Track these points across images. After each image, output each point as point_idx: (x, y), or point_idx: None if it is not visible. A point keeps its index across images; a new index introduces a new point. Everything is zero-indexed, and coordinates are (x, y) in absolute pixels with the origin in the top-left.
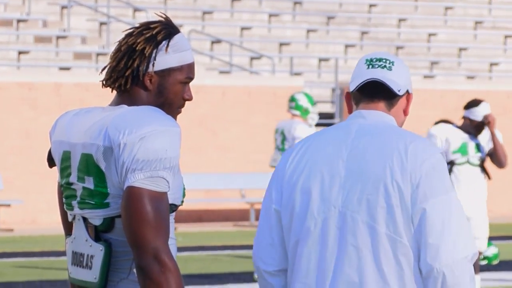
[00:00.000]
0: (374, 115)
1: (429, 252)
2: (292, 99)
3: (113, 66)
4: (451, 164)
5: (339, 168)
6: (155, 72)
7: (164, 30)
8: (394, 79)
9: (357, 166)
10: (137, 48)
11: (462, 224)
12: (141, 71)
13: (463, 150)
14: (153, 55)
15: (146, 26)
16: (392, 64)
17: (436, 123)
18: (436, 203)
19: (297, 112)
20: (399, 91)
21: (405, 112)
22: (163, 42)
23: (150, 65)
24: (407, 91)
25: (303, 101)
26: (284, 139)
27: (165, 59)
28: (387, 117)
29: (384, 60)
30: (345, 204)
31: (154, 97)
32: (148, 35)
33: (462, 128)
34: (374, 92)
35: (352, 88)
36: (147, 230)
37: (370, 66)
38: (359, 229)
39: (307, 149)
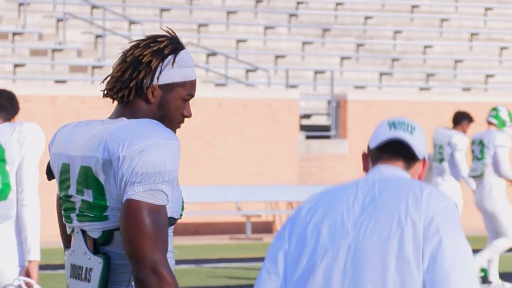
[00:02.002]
0: (391, 170)
1: (440, 283)
2: (494, 109)
3: (117, 76)
4: None
5: (355, 208)
6: (158, 85)
7: (171, 45)
8: (415, 144)
9: (372, 206)
10: (143, 60)
11: (469, 264)
12: (145, 84)
13: None
14: (159, 68)
15: (153, 39)
16: (414, 129)
17: None
18: (448, 238)
19: (495, 121)
20: (419, 153)
21: (420, 178)
22: (170, 57)
23: (155, 78)
24: (424, 158)
25: (503, 113)
26: (483, 148)
27: (170, 73)
28: (404, 173)
29: (406, 125)
30: (355, 238)
31: (155, 110)
32: (155, 48)
33: None
34: (394, 152)
35: (372, 145)
36: (146, 243)
37: (393, 128)
38: (368, 261)
39: (324, 194)
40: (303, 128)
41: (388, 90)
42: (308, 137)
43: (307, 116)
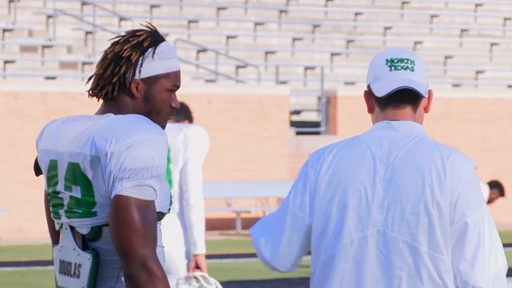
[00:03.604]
0: (405, 126)
1: (465, 269)
2: None
3: (100, 74)
4: None
5: (377, 186)
6: (141, 79)
7: (150, 38)
8: (419, 81)
9: (395, 184)
10: (123, 55)
11: (494, 239)
12: (127, 78)
13: None
14: (140, 62)
15: (132, 34)
16: (414, 64)
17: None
18: (473, 221)
19: None
20: (425, 93)
21: (426, 109)
22: (149, 49)
23: (137, 72)
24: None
25: None
26: None
27: (151, 66)
28: (416, 126)
29: (405, 61)
30: (384, 224)
31: (141, 104)
32: (134, 42)
33: None
34: (401, 97)
35: (379, 93)
36: (135, 238)
37: (393, 68)
38: (400, 249)
39: (340, 161)
40: (293, 124)
41: None
42: (298, 133)
43: (297, 112)
